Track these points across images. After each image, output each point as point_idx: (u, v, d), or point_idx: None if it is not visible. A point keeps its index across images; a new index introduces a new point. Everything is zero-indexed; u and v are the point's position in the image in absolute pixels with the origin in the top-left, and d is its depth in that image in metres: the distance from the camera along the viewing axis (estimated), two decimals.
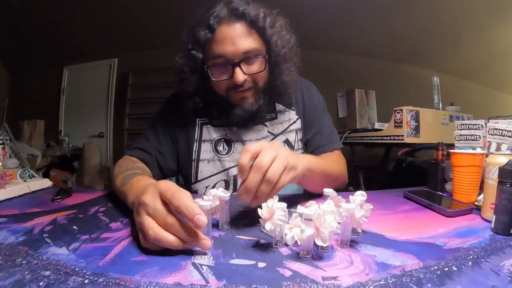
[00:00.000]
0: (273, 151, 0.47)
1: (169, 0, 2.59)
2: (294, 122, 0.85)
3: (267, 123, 0.83)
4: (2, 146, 0.80)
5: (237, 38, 0.68)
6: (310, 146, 0.85)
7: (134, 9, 2.72)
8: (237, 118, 0.75)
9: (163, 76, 3.33)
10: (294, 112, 0.85)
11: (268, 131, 0.83)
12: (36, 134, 2.74)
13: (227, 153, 0.80)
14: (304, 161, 0.55)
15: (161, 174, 0.80)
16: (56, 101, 3.57)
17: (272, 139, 0.82)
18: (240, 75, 0.69)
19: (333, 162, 0.77)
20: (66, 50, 3.25)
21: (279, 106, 0.85)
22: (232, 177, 0.79)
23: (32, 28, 2.88)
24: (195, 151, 0.81)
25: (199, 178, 0.81)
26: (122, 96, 3.43)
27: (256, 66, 0.72)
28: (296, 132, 0.85)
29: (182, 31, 0.74)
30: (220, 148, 0.81)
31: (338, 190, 0.52)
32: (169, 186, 0.38)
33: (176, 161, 0.83)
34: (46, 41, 3.07)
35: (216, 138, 0.81)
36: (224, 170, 0.80)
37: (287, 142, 0.83)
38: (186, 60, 0.72)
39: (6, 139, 0.83)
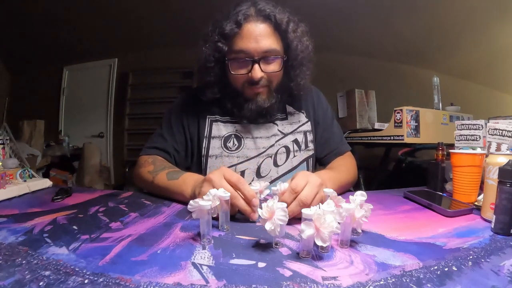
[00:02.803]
0: (305, 178, 0.54)
1: (169, 0, 2.59)
2: (304, 124, 0.89)
3: (277, 122, 0.86)
4: (2, 146, 0.80)
5: (260, 36, 0.73)
6: (323, 150, 0.90)
7: (134, 9, 2.72)
8: (248, 112, 0.79)
9: (163, 76, 3.34)
10: (304, 115, 0.89)
11: (278, 130, 0.86)
12: (36, 134, 2.74)
13: (236, 149, 0.83)
14: (327, 183, 0.61)
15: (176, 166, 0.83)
16: (56, 101, 3.56)
17: (282, 137, 0.85)
18: (257, 72, 0.73)
19: (345, 171, 0.81)
20: (66, 50, 3.25)
21: (290, 108, 0.89)
22: (239, 173, 0.81)
23: (32, 28, 2.88)
24: (205, 147, 0.83)
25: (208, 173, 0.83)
26: (122, 96, 3.43)
27: (273, 66, 0.76)
28: (305, 134, 0.88)
29: (207, 24, 0.79)
30: (230, 144, 0.83)
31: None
32: (233, 172, 0.52)
33: (190, 158, 0.87)
34: (46, 41, 3.07)
35: (226, 135, 0.83)
36: (231, 166, 0.81)
37: (295, 141, 0.86)
38: (212, 51, 0.76)
39: (6, 139, 0.83)
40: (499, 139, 0.67)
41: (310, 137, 0.88)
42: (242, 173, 0.81)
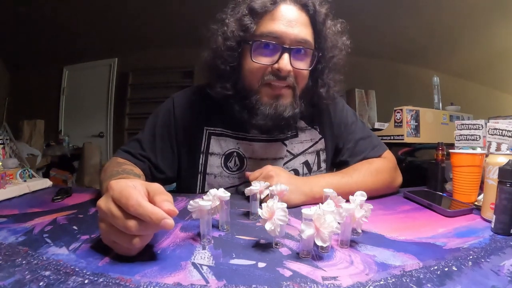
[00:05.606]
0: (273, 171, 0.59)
1: (169, 0, 2.59)
2: (316, 142, 0.77)
3: (286, 142, 0.74)
4: (2, 146, 0.80)
5: (296, 22, 0.61)
6: (354, 156, 0.77)
7: (134, 9, 2.72)
8: (263, 118, 0.64)
9: (163, 76, 3.34)
10: (317, 131, 0.78)
11: (287, 150, 0.74)
12: (36, 134, 2.75)
13: (237, 170, 0.72)
14: (314, 189, 0.59)
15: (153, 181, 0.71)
16: (56, 101, 3.57)
17: (291, 159, 0.74)
18: (288, 63, 0.60)
19: (365, 174, 0.66)
20: (66, 50, 3.25)
21: (301, 123, 0.76)
22: (241, 193, 0.71)
23: (32, 28, 2.88)
24: (201, 164, 0.72)
25: (206, 191, 0.72)
26: (122, 96, 3.44)
27: (304, 63, 0.64)
28: (317, 154, 0.78)
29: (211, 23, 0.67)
30: (231, 164, 0.72)
31: None
32: (120, 190, 0.33)
33: (176, 171, 0.75)
34: (46, 41, 3.07)
35: (227, 152, 0.72)
36: (231, 187, 0.73)
37: (306, 163, 0.76)
38: (234, 29, 0.62)
39: (6, 139, 0.83)
40: (499, 139, 0.67)
41: (323, 156, 0.78)
42: (243, 193, 0.69)
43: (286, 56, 0.60)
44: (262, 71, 0.63)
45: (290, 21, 0.61)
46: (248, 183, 0.71)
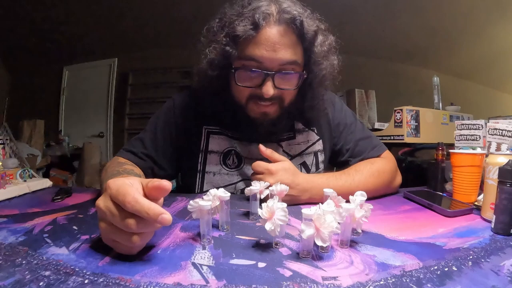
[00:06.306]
0: (274, 179, 0.57)
1: (169, 1, 2.59)
2: (314, 143, 0.78)
3: (282, 143, 0.75)
4: (2, 146, 0.80)
5: (280, 45, 0.59)
6: (355, 156, 0.78)
7: (134, 9, 2.72)
8: (249, 134, 0.69)
9: (163, 76, 3.34)
10: (315, 132, 0.79)
11: (283, 151, 0.75)
12: (36, 134, 2.75)
13: (236, 167, 0.74)
14: (309, 192, 0.60)
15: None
16: (56, 101, 3.57)
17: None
18: (270, 89, 0.61)
19: (366, 175, 0.66)
20: (66, 50, 3.25)
21: (298, 125, 0.78)
22: (239, 191, 0.74)
23: (32, 28, 2.88)
24: (200, 162, 0.74)
25: (204, 190, 0.75)
26: (122, 96, 3.44)
27: (289, 82, 0.64)
28: (315, 155, 0.78)
29: (212, 18, 0.66)
30: (230, 161, 0.74)
31: None
32: (117, 188, 0.34)
33: (175, 169, 0.78)
34: (46, 41, 3.07)
35: (225, 150, 0.74)
36: (231, 184, 0.74)
37: (303, 164, 0.77)
38: (217, 56, 0.62)
39: (6, 139, 0.83)
40: (499, 139, 0.67)
41: (321, 157, 0.79)
42: (242, 192, 0.71)
43: (269, 82, 0.61)
44: (248, 92, 0.65)
45: (273, 45, 0.59)
46: (247, 181, 0.73)
